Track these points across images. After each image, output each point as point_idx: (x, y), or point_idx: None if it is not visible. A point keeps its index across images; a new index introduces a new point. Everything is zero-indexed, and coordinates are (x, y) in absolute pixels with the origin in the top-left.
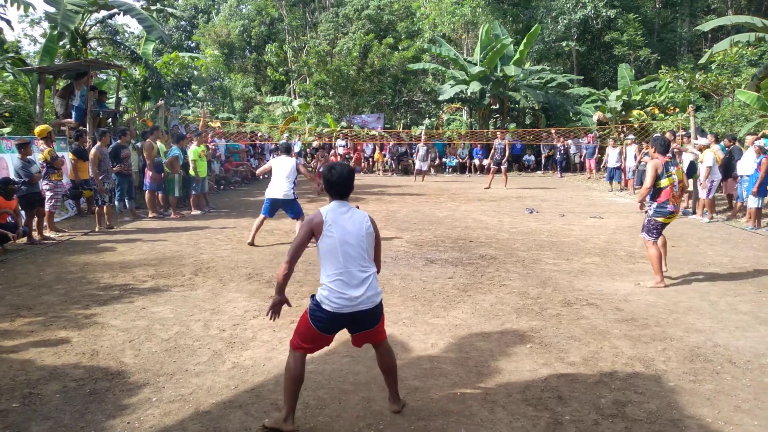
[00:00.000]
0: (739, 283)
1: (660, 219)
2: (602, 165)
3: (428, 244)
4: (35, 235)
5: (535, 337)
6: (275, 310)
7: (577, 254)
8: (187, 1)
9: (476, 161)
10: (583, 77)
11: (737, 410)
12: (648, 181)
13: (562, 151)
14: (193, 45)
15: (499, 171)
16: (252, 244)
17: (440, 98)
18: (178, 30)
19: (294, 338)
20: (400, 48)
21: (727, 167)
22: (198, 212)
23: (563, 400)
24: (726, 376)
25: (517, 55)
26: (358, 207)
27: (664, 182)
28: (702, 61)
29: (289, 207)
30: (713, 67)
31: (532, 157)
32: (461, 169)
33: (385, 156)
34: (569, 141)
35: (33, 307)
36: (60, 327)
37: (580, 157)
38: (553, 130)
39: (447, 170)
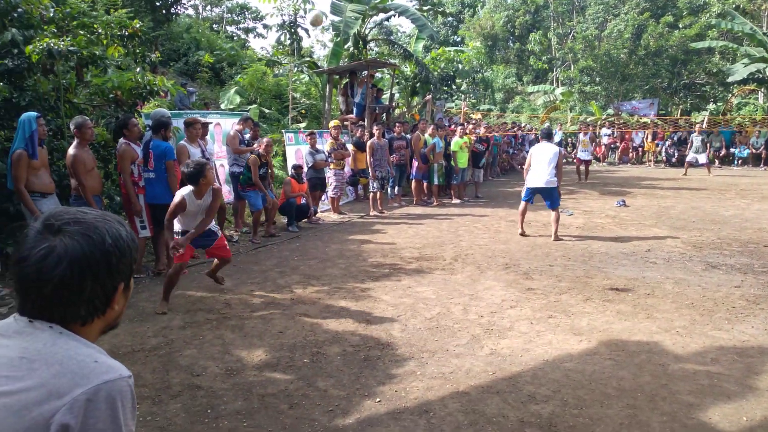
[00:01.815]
0: None
1: None
2: None
3: (709, 246)
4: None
5: None
6: (177, 248)
7: None
8: None
9: None
10: None
11: None
12: None
13: None
14: (458, 39)
15: None
16: (523, 234)
17: (729, 79)
18: (445, 26)
19: None
20: (680, 26)
21: None
22: (458, 201)
23: None
24: None
25: None
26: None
27: None
28: None
29: (549, 194)
30: None
31: None
32: (755, 161)
33: (658, 146)
34: None
35: (320, 278)
36: (341, 297)
37: None
38: None
39: (736, 162)
